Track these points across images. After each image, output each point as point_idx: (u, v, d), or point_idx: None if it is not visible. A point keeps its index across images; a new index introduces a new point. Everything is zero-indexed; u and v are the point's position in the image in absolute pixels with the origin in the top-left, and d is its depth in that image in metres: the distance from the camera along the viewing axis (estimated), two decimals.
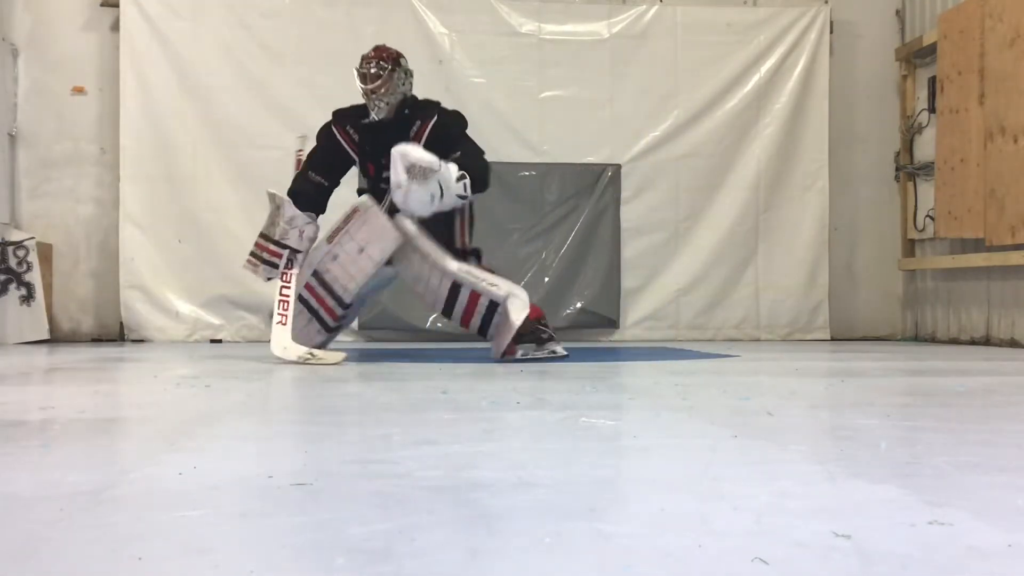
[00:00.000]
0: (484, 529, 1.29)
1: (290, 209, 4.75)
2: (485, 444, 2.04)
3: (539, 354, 4.71)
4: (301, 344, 4.67)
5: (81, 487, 1.55)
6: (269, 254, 4.78)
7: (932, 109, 7.40)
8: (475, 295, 4.66)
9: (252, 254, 4.84)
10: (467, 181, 4.49)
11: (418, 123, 4.78)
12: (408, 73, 4.91)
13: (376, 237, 4.63)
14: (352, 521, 1.34)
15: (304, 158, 4.98)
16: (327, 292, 4.76)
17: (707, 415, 2.59)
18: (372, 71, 4.75)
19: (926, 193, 7.57)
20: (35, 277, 6.88)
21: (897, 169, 7.88)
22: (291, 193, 4.83)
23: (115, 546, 1.19)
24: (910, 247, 7.77)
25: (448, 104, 7.18)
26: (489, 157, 7.13)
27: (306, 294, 4.78)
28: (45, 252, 7.05)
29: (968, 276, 7.01)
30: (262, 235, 4.82)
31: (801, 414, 2.70)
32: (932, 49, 7.32)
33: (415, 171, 4.37)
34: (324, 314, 4.81)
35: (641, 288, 7.46)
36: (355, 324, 7.14)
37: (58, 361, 5.02)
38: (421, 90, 7.21)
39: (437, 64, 7.27)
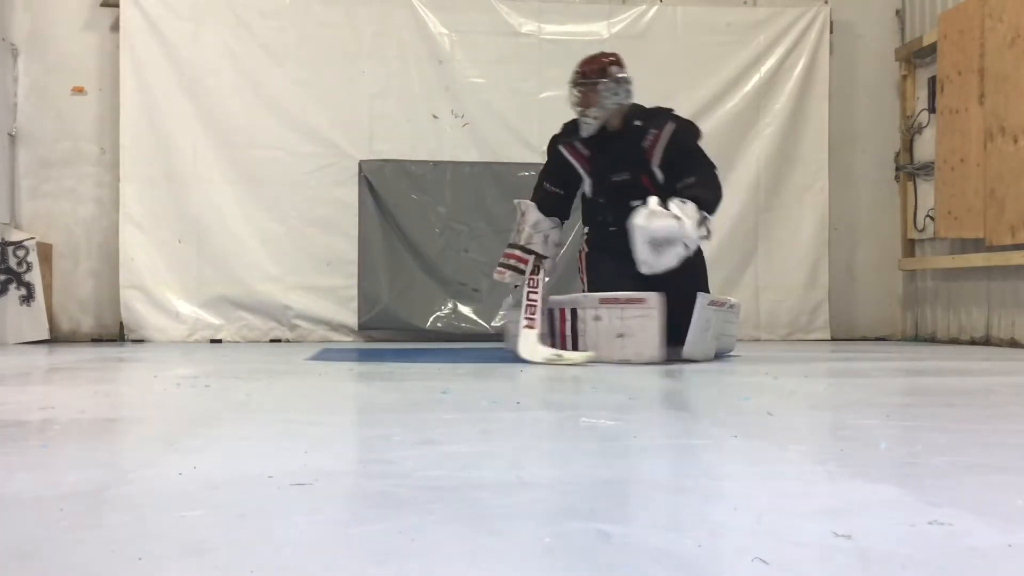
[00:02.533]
0: (484, 529, 1.29)
1: (534, 214, 4.80)
2: (485, 444, 2.04)
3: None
4: (539, 352, 4.51)
5: (81, 487, 1.55)
6: (516, 260, 4.80)
7: (932, 109, 7.40)
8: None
9: (501, 264, 4.87)
10: (709, 224, 4.33)
11: (651, 133, 4.58)
12: (620, 82, 4.66)
13: (641, 339, 4.36)
14: (352, 521, 1.34)
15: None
16: (571, 330, 4.56)
17: (707, 415, 2.59)
18: (576, 90, 4.71)
19: (926, 193, 7.57)
20: (35, 277, 6.88)
21: (897, 169, 7.88)
22: (534, 201, 4.88)
23: (115, 546, 1.19)
24: (910, 247, 7.77)
25: (448, 104, 7.28)
26: (489, 157, 7.23)
27: (557, 317, 4.62)
28: (45, 252, 7.05)
29: (968, 276, 7.01)
30: (510, 244, 4.88)
31: (801, 414, 2.70)
32: (932, 49, 7.32)
33: (658, 242, 4.24)
34: (557, 338, 4.62)
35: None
36: (355, 324, 7.15)
37: (58, 361, 5.02)
38: (421, 90, 7.28)
39: (437, 64, 7.27)
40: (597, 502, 1.47)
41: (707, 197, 4.38)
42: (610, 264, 4.65)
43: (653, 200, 4.30)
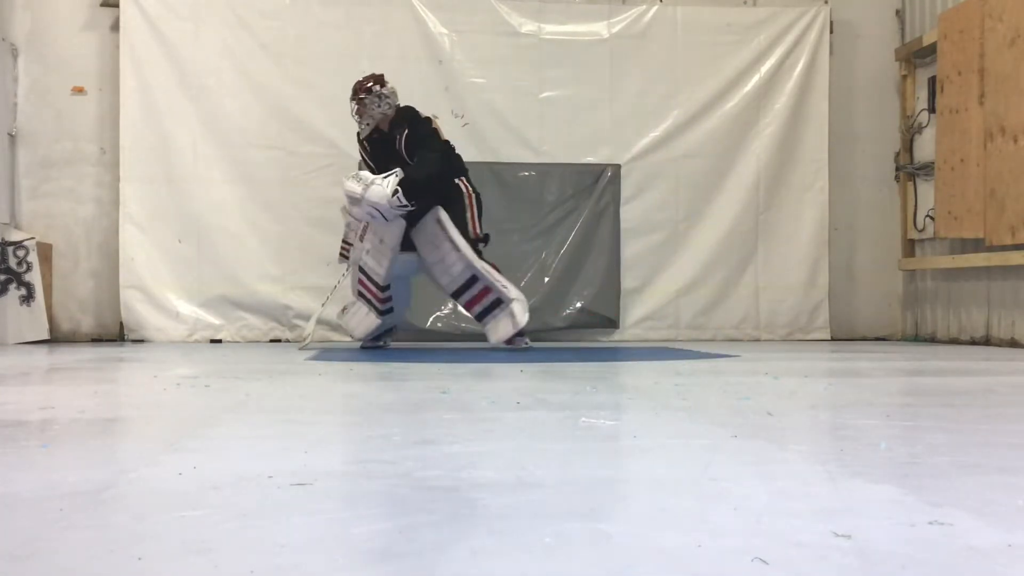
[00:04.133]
0: (484, 529, 1.29)
1: (345, 215, 5.91)
2: (485, 444, 2.04)
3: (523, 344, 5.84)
4: (366, 329, 5.89)
5: (81, 487, 1.55)
6: (343, 249, 6.04)
7: (932, 109, 7.40)
8: (486, 290, 5.71)
9: (340, 253, 6.10)
10: (399, 192, 5.42)
11: (398, 135, 5.75)
12: (382, 96, 5.77)
13: (387, 228, 5.58)
14: (352, 521, 1.34)
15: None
16: (370, 281, 5.78)
17: (707, 415, 2.59)
18: (352, 103, 5.82)
19: (926, 193, 7.57)
20: (35, 277, 6.88)
21: (897, 169, 7.88)
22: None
23: (115, 546, 1.19)
24: (910, 247, 7.77)
25: (449, 104, 7.28)
26: (489, 157, 7.23)
27: (361, 288, 5.83)
28: (45, 252, 7.05)
29: (968, 276, 7.01)
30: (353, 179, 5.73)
31: (801, 414, 2.70)
32: (932, 49, 7.32)
33: (350, 199, 5.60)
34: (375, 301, 5.81)
35: (641, 288, 7.47)
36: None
37: (58, 361, 5.02)
38: (421, 90, 7.27)
39: (437, 64, 7.27)
40: (597, 502, 1.47)
41: (412, 175, 5.53)
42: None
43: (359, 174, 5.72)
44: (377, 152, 5.84)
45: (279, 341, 7.11)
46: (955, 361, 4.99)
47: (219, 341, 7.06)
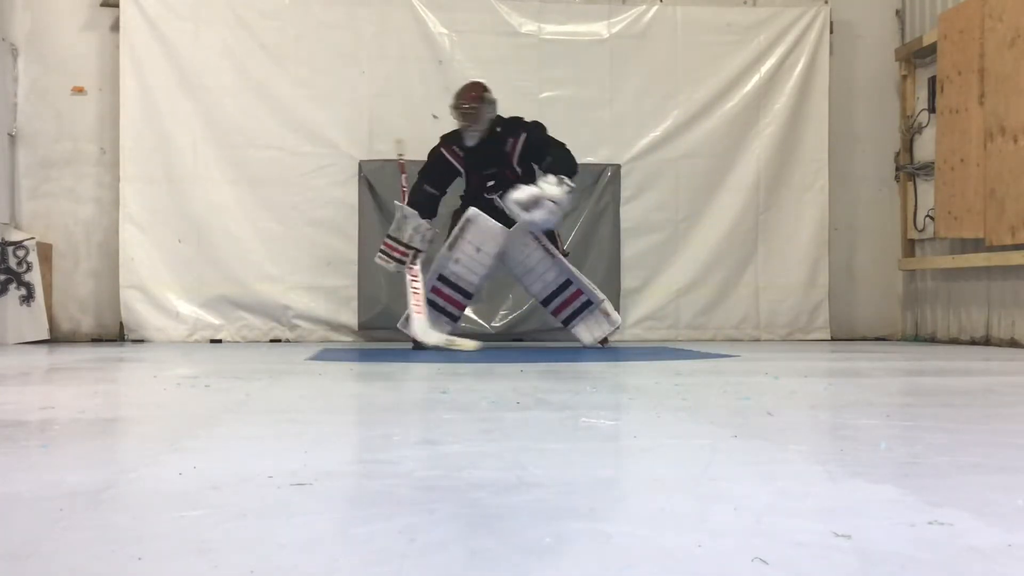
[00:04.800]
0: (484, 529, 1.29)
1: (415, 220, 5.84)
2: (485, 444, 2.04)
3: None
4: (436, 334, 5.65)
5: (81, 487, 1.55)
6: (399, 253, 5.86)
7: (932, 109, 7.40)
8: (578, 293, 5.94)
9: (383, 252, 5.89)
10: (567, 180, 5.54)
11: (510, 140, 5.88)
12: (491, 103, 5.96)
13: (488, 237, 5.70)
14: (352, 521, 1.34)
15: (403, 160, 6.24)
16: (453, 289, 5.84)
17: (707, 415, 2.59)
18: (464, 109, 5.90)
19: (926, 193, 7.57)
20: (35, 277, 6.88)
21: (897, 169, 7.88)
22: (411, 204, 5.91)
23: (115, 546, 1.19)
24: (910, 247, 7.77)
25: (448, 104, 7.27)
26: None
27: (433, 296, 5.82)
28: (45, 252, 7.05)
29: (968, 276, 7.01)
30: (391, 237, 5.88)
31: (801, 414, 2.70)
32: (932, 49, 7.32)
33: (526, 203, 5.48)
34: (451, 308, 5.90)
35: (641, 288, 7.47)
36: (355, 324, 7.16)
37: (58, 361, 5.02)
38: (421, 90, 7.28)
39: (437, 64, 7.27)
40: (597, 502, 1.47)
41: (562, 167, 5.64)
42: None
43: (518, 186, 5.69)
44: (475, 159, 5.93)
45: (279, 341, 7.11)
46: (955, 361, 4.99)
47: (219, 341, 7.06)
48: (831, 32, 7.64)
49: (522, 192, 5.51)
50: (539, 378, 3.75)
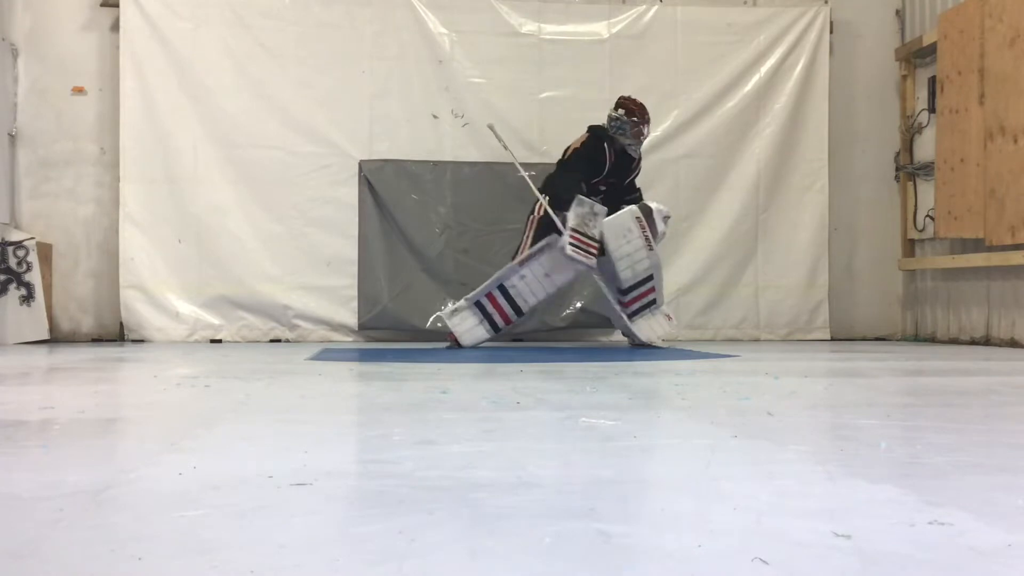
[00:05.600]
0: (484, 529, 1.29)
1: (603, 217, 5.82)
2: (485, 444, 2.04)
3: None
4: (474, 337, 5.94)
5: (81, 487, 1.55)
6: (595, 249, 5.85)
7: (932, 109, 7.40)
8: (651, 290, 6.07)
9: (576, 246, 5.76)
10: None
11: (639, 156, 6.31)
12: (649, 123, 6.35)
13: (561, 269, 5.88)
14: (352, 521, 1.34)
15: (503, 141, 6.30)
16: (507, 301, 5.93)
17: (707, 415, 2.59)
18: (646, 133, 6.27)
19: (926, 193, 7.57)
20: (35, 277, 6.88)
21: (897, 169, 7.88)
22: (577, 196, 5.84)
23: (115, 546, 1.19)
24: (910, 247, 7.77)
25: (448, 104, 7.28)
26: (489, 157, 7.22)
27: (484, 300, 5.92)
28: (45, 252, 7.05)
29: (968, 276, 7.01)
30: (579, 231, 5.77)
31: (801, 414, 2.70)
32: (932, 49, 7.32)
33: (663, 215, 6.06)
34: (498, 318, 5.98)
35: None
36: (355, 324, 7.16)
37: (58, 361, 5.02)
38: (421, 90, 7.28)
39: (437, 64, 7.27)
40: (597, 502, 1.47)
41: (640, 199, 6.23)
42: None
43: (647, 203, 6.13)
44: (616, 165, 6.16)
45: (279, 341, 7.11)
46: (955, 361, 4.99)
47: (219, 341, 7.06)
48: (831, 32, 7.64)
49: (662, 206, 6.07)
50: (539, 378, 3.75)
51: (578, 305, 7.32)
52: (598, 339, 7.38)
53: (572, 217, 5.73)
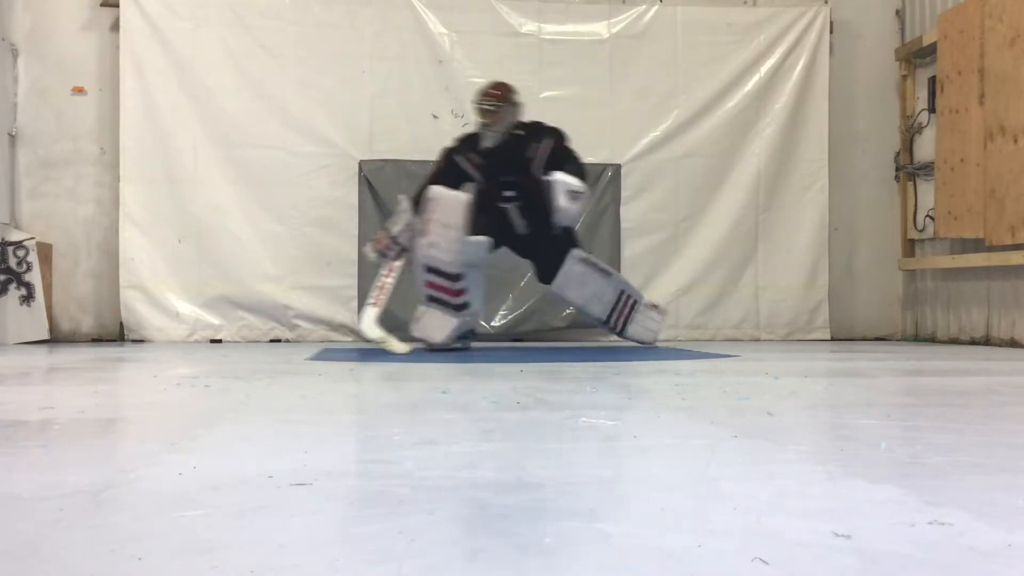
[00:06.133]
0: (484, 529, 1.29)
1: (409, 215, 5.64)
2: (485, 444, 2.04)
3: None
4: (444, 333, 5.59)
5: (81, 487, 1.55)
6: (384, 246, 5.72)
7: (932, 109, 7.40)
8: (628, 298, 5.95)
9: (372, 242, 5.80)
10: (586, 188, 5.67)
11: (533, 144, 5.68)
12: (517, 105, 5.77)
13: (450, 208, 5.49)
14: (352, 521, 1.34)
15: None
16: (439, 275, 5.58)
17: (707, 415, 2.59)
18: (486, 107, 5.68)
19: (926, 193, 7.57)
20: (35, 277, 6.88)
21: (897, 169, 7.88)
22: (415, 202, 5.68)
23: (115, 546, 1.19)
24: (910, 247, 7.77)
25: (448, 104, 7.29)
26: None
27: (428, 289, 5.62)
28: (45, 252, 7.05)
29: (968, 276, 7.01)
30: (385, 229, 5.77)
31: (801, 414, 2.70)
32: (932, 49, 7.32)
33: (571, 195, 5.47)
34: (448, 297, 5.61)
35: (641, 288, 7.43)
36: (355, 324, 7.15)
37: (58, 361, 5.02)
38: (421, 90, 7.28)
39: (437, 64, 7.27)
40: (597, 502, 1.47)
41: (580, 173, 5.63)
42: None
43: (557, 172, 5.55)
44: (494, 165, 5.68)
45: (279, 341, 7.11)
46: (955, 361, 4.99)
47: (219, 341, 7.06)
48: (831, 32, 7.64)
49: (572, 180, 5.48)
50: (539, 378, 3.75)
51: None
52: (598, 339, 7.37)
53: (392, 217, 5.83)
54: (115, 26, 7.13)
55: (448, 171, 5.77)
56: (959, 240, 7.04)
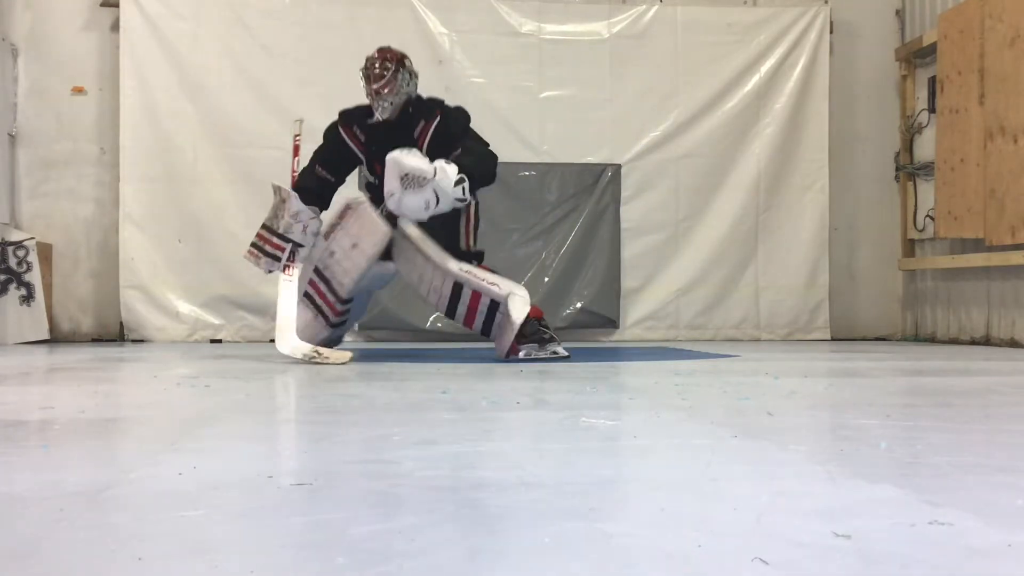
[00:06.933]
0: (484, 529, 1.29)
1: (296, 203, 4.73)
2: (485, 444, 2.04)
3: (541, 354, 4.67)
4: (308, 340, 4.70)
5: (81, 487, 1.55)
6: (272, 247, 4.77)
7: (932, 109, 7.40)
8: (476, 295, 4.67)
9: (254, 245, 4.82)
10: (466, 184, 4.43)
11: (422, 123, 4.78)
12: (413, 74, 4.85)
13: (368, 232, 4.66)
14: (352, 521, 1.34)
15: (300, 143, 5.07)
16: (327, 288, 4.80)
17: (707, 415, 2.59)
18: (376, 71, 4.72)
19: (926, 193, 7.57)
20: (35, 277, 6.88)
21: (897, 169, 7.88)
22: (296, 188, 4.86)
23: (115, 546, 1.19)
24: (910, 247, 7.77)
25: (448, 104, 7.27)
26: None
27: (310, 290, 4.83)
28: (45, 252, 7.05)
29: (968, 276, 7.01)
30: (265, 227, 4.82)
31: (801, 414, 2.70)
32: (932, 49, 7.32)
33: (408, 179, 4.39)
34: (327, 310, 4.85)
35: (641, 288, 7.47)
36: (355, 324, 7.16)
37: (58, 361, 5.02)
38: (422, 90, 7.26)
39: (437, 64, 7.27)
40: (597, 502, 1.47)
41: (470, 164, 4.53)
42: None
43: (415, 150, 4.54)
44: (377, 143, 4.79)
45: None
46: (955, 361, 4.98)
47: (219, 341, 7.06)
48: (831, 32, 7.65)
49: (414, 159, 4.41)
50: (539, 378, 3.75)
51: (578, 305, 7.33)
52: (598, 339, 7.38)
53: (269, 211, 4.85)
54: (115, 26, 7.14)
55: (331, 147, 4.96)
56: (959, 240, 7.04)
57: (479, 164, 4.60)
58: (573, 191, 7.36)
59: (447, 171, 4.40)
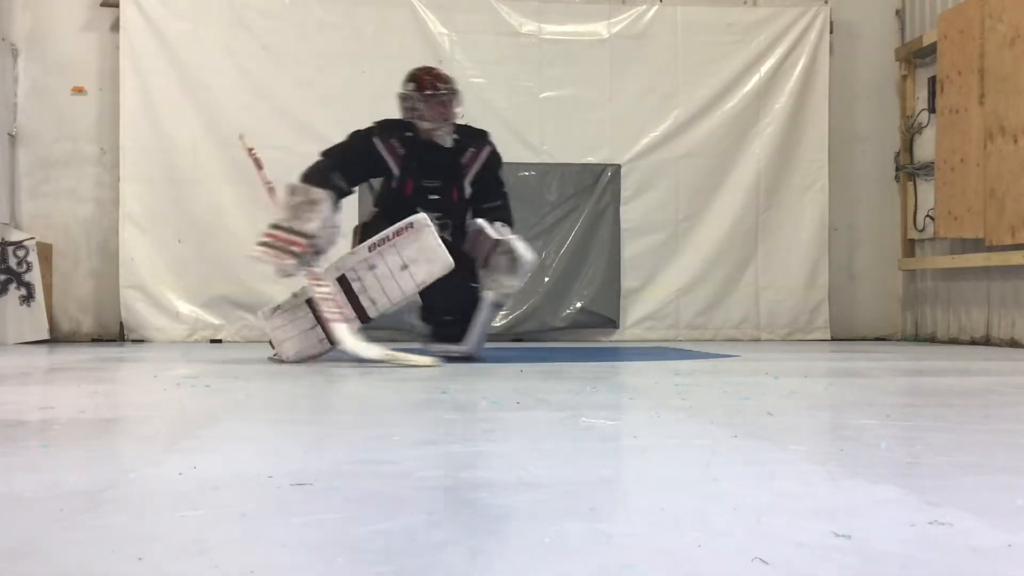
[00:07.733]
0: (484, 529, 1.29)
1: (328, 209, 4.49)
2: (485, 444, 2.04)
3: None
4: (297, 351, 4.54)
5: (81, 487, 1.55)
6: (300, 248, 4.43)
7: (932, 109, 7.40)
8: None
9: (268, 245, 4.50)
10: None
11: (470, 151, 4.74)
12: (461, 102, 4.87)
13: (426, 259, 4.36)
14: (352, 521, 1.33)
15: (257, 153, 4.92)
16: (347, 300, 4.47)
17: (707, 415, 2.59)
18: (445, 96, 4.70)
19: (926, 193, 7.57)
20: (35, 277, 6.88)
21: (897, 169, 7.88)
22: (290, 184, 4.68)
23: (115, 546, 1.19)
24: (910, 247, 7.77)
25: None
26: None
27: (328, 301, 4.45)
28: (45, 252, 7.05)
29: (968, 276, 7.01)
30: (284, 228, 4.50)
31: (801, 414, 2.70)
32: (932, 49, 7.32)
33: (513, 266, 4.52)
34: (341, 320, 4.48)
35: (641, 288, 7.47)
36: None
37: (58, 361, 5.02)
38: None
39: (437, 64, 7.26)
40: (597, 502, 1.47)
41: (510, 220, 4.73)
42: None
43: (495, 225, 4.57)
44: (421, 162, 4.66)
45: None
46: (955, 361, 4.98)
47: (219, 341, 7.06)
48: (831, 32, 7.65)
49: (526, 251, 4.53)
50: (539, 378, 3.75)
51: (578, 305, 7.33)
52: (598, 339, 7.38)
53: (283, 208, 4.57)
54: (115, 26, 7.14)
55: (361, 157, 4.74)
56: (959, 240, 7.04)
57: (511, 220, 4.77)
58: (573, 191, 7.36)
59: (519, 243, 4.56)
